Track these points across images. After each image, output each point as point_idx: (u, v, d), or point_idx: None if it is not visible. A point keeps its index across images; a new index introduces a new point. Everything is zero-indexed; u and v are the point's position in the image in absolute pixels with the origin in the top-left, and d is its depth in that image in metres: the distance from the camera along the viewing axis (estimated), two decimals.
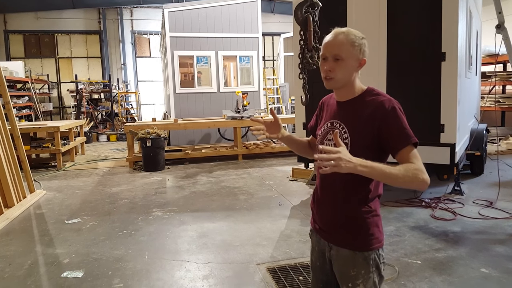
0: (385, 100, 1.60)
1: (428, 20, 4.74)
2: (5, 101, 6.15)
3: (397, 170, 1.46)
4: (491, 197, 5.35)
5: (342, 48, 1.59)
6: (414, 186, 1.49)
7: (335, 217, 1.69)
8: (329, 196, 1.71)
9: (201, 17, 10.52)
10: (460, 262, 3.50)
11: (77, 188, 6.81)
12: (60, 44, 17.95)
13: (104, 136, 14.41)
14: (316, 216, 1.80)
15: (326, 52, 1.64)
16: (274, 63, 19.69)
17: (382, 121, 1.57)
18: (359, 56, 1.62)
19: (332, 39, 1.62)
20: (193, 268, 3.58)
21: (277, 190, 6.25)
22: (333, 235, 1.70)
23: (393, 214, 4.85)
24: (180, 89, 10.59)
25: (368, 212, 1.64)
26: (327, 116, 1.77)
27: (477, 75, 7.87)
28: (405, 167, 1.48)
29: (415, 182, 1.47)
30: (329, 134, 1.70)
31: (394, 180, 1.46)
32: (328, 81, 1.65)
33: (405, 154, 1.53)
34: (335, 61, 1.60)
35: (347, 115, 1.66)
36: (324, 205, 1.74)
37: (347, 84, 1.65)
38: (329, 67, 1.62)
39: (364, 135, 1.59)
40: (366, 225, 1.64)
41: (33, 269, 3.62)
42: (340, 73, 1.61)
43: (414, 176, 1.46)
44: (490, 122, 9.01)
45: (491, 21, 6.04)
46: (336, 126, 1.68)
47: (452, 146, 4.70)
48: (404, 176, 1.45)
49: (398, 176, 1.45)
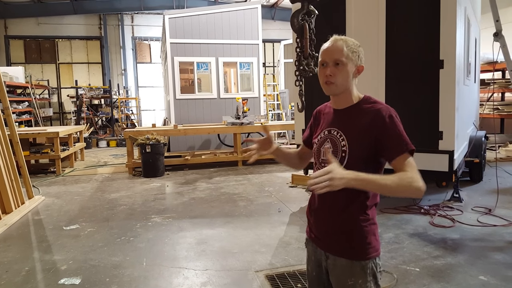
0: (382, 108, 1.62)
1: (427, 28, 4.76)
2: (5, 106, 6.16)
3: (391, 181, 1.46)
4: (490, 204, 5.35)
5: (342, 53, 1.61)
6: (409, 194, 1.50)
7: (332, 226, 1.69)
8: (326, 205, 1.70)
9: (202, 24, 10.58)
10: (458, 270, 3.49)
11: (76, 194, 6.80)
12: (60, 49, 18.03)
13: (104, 142, 14.42)
14: (312, 225, 1.80)
15: (325, 58, 1.65)
16: (274, 69, 19.75)
17: (379, 128, 1.58)
18: (357, 62, 1.65)
19: (332, 45, 1.65)
20: (191, 275, 3.57)
21: (277, 197, 6.25)
22: (330, 244, 1.70)
23: (392, 221, 4.85)
24: (180, 95, 10.63)
25: (366, 221, 1.64)
26: (323, 124, 1.78)
27: (476, 83, 7.89)
28: (399, 177, 1.48)
29: (410, 191, 1.48)
30: (326, 142, 1.71)
31: (388, 191, 1.47)
32: (328, 86, 1.66)
33: (400, 162, 1.54)
34: (335, 66, 1.62)
35: (344, 123, 1.67)
36: (321, 214, 1.74)
37: (345, 91, 1.67)
38: (330, 72, 1.63)
39: (362, 142, 1.60)
40: (363, 234, 1.64)
41: (31, 276, 3.61)
42: (341, 77, 1.62)
43: (409, 185, 1.47)
44: (489, 129, 9.02)
45: (490, 29, 6.07)
46: (334, 134, 1.68)
47: (450, 153, 4.71)
48: (398, 186, 1.46)
49: (392, 187, 1.46)
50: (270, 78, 17.70)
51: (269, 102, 14.46)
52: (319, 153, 1.73)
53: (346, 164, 1.59)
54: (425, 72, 4.81)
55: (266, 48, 19.72)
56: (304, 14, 2.76)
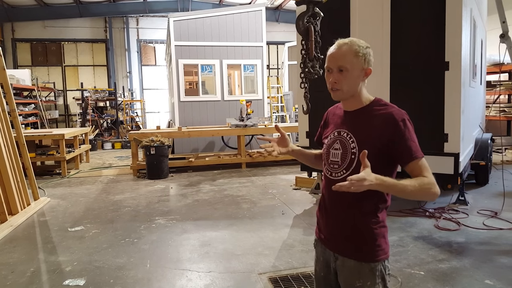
0: (394, 112, 1.61)
1: (432, 30, 4.74)
2: (11, 108, 6.21)
3: (412, 186, 1.50)
4: (495, 208, 5.30)
5: (346, 59, 1.59)
6: (426, 198, 1.56)
7: (343, 227, 1.68)
8: (336, 206, 1.70)
9: (206, 26, 10.61)
10: (464, 274, 3.47)
11: (81, 195, 6.83)
12: (66, 52, 18.15)
13: (109, 144, 14.48)
14: (322, 225, 1.79)
15: (330, 64, 1.64)
16: (278, 71, 19.75)
17: (392, 132, 1.57)
18: (364, 65, 1.62)
19: (336, 51, 1.63)
20: (195, 277, 3.56)
21: (280, 199, 6.24)
22: (340, 245, 1.69)
23: (397, 224, 4.82)
24: (184, 97, 10.65)
25: (376, 223, 1.64)
26: (333, 125, 1.77)
27: (481, 84, 7.84)
28: (419, 182, 1.51)
29: (428, 196, 1.53)
30: (335, 143, 1.70)
31: (407, 195, 1.51)
32: (334, 93, 1.66)
33: (415, 167, 1.56)
34: (339, 73, 1.61)
35: (354, 125, 1.67)
36: (331, 215, 1.73)
37: (354, 95, 1.66)
38: (334, 79, 1.62)
39: (372, 145, 1.58)
40: (373, 236, 1.63)
41: (36, 277, 3.62)
42: (346, 84, 1.61)
43: (428, 191, 1.51)
44: (495, 131, 8.96)
45: (496, 30, 6.04)
46: (344, 136, 1.68)
47: (456, 155, 4.68)
48: (418, 191, 1.50)
49: (412, 191, 1.50)
50: (274, 80, 17.68)
51: (273, 104, 14.43)
52: (329, 154, 1.72)
53: (356, 165, 1.59)
54: (431, 74, 4.79)
55: (270, 50, 19.74)
56: (309, 16, 2.76)
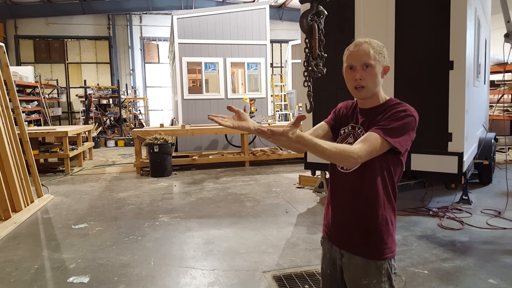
0: (406, 107, 1.62)
1: (436, 29, 4.73)
2: (15, 105, 6.23)
3: (330, 152, 1.40)
4: (499, 207, 5.29)
5: (370, 55, 1.61)
6: (343, 164, 1.61)
7: (350, 224, 1.68)
8: (344, 203, 1.70)
9: (210, 24, 10.60)
10: (467, 273, 3.46)
11: (85, 193, 6.85)
12: (69, 49, 18.18)
13: (112, 142, 14.51)
14: (329, 222, 1.79)
15: (352, 62, 1.63)
16: (282, 70, 19.73)
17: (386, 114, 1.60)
18: (384, 63, 1.65)
19: (358, 49, 1.63)
20: (199, 275, 3.57)
21: (284, 197, 6.24)
22: (346, 242, 1.70)
23: (400, 223, 4.82)
24: (188, 95, 10.66)
25: (383, 221, 1.64)
26: (348, 119, 1.78)
27: (485, 84, 7.81)
28: (342, 148, 1.44)
29: (345, 162, 1.50)
30: (349, 137, 1.71)
31: (326, 157, 1.42)
32: (359, 91, 1.64)
33: (366, 135, 1.53)
34: (364, 69, 1.61)
35: (368, 121, 1.67)
36: (339, 211, 1.73)
37: (375, 92, 1.66)
38: (359, 76, 1.61)
39: None
40: (380, 234, 1.63)
41: (40, 274, 3.64)
42: (371, 80, 1.62)
43: (347, 158, 1.44)
44: (498, 131, 8.93)
45: (500, 30, 6.01)
46: (358, 131, 1.69)
47: (460, 155, 4.67)
48: (337, 156, 1.42)
49: (330, 156, 1.42)
50: (277, 78, 17.69)
51: (276, 102, 14.45)
52: None
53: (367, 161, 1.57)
54: (435, 73, 4.78)
55: (273, 48, 19.73)
56: (313, 14, 2.75)
